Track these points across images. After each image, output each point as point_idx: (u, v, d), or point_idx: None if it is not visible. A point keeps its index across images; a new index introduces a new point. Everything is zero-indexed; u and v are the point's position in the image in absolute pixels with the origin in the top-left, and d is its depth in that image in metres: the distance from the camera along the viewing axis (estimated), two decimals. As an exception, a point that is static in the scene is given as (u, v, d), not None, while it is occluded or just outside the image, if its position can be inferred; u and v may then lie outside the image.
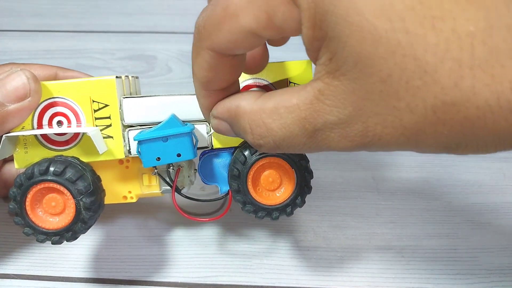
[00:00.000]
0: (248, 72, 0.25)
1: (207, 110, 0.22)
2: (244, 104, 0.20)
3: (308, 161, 0.25)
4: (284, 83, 0.25)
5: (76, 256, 0.31)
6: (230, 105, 0.21)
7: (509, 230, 0.32)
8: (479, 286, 0.29)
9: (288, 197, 0.25)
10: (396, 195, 0.35)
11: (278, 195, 0.25)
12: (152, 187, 0.27)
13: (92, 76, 0.33)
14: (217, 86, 0.21)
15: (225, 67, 0.20)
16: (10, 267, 0.30)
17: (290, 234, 0.32)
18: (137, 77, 0.30)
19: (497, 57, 0.14)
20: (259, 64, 0.24)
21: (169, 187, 0.26)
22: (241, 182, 0.25)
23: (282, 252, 0.31)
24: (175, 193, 0.26)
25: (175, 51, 0.47)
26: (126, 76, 0.27)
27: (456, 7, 0.14)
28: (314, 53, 0.17)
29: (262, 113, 0.19)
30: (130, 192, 0.28)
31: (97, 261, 0.30)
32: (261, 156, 0.24)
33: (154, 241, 0.32)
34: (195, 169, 0.28)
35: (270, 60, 0.26)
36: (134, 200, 0.28)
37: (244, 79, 0.25)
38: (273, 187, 0.25)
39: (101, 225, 0.32)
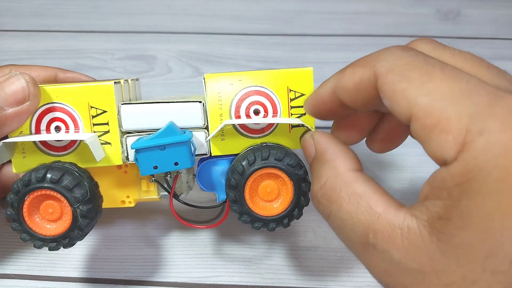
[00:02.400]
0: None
1: (315, 98, 0.23)
2: (341, 163, 0.20)
3: (307, 173, 0.25)
4: (284, 91, 0.25)
5: (76, 256, 0.31)
6: (331, 150, 0.21)
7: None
8: (479, 286, 0.29)
9: (286, 209, 0.25)
10: (396, 195, 0.35)
11: (275, 206, 0.25)
12: (150, 193, 0.27)
13: (92, 77, 0.33)
14: (346, 97, 0.21)
15: (367, 95, 0.20)
16: (10, 267, 0.30)
17: (290, 234, 0.32)
18: (137, 79, 0.30)
19: None
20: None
21: (167, 193, 0.26)
22: (238, 192, 0.24)
23: (282, 252, 0.31)
24: (173, 198, 0.26)
25: (175, 51, 0.47)
26: (125, 80, 0.27)
27: None
28: (433, 194, 0.16)
29: (347, 186, 0.19)
30: (128, 196, 0.27)
31: (97, 261, 0.30)
32: (259, 166, 0.24)
33: (154, 241, 0.32)
34: (194, 175, 0.28)
35: (270, 63, 0.26)
36: (132, 205, 0.28)
37: (245, 86, 0.25)
38: (270, 198, 0.25)
39: (100, 225, 0.32)
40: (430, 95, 0.16)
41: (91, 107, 0.25)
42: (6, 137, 0.25)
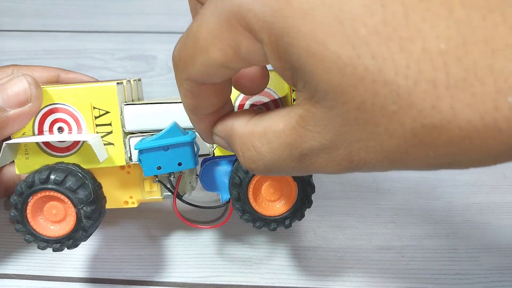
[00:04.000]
0: (248, 93, 0.24)
1: (202, 132, 0.22)
2: (237, 126, 0.20)
3: (311, 176, 0.25)
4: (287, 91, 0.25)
5: (76, 256, 0.31)
6: (226, 125, 0.21)
7: (509, 230, 0.32)
8: (479, 286, 0.29)
9: (288, 210, 0.25)
10: (396, 195, 0.35)
11: (278, 206, 0.25)
12: (153, 193, 0.27)
13: (94, 77, 0.33)
14: (205, 111, 0.21)
15: (208, 93, 0.20)
16: (11, 267, 0.30)
17: (290, 234, 0.32)
18: (139, 80, 0.30)
19: (476, 74, 0.13)
20: (258, 86, 0.24)
21: (170, 193, 0.26)
22: (242, 191, 0.24)
23: (282, 252, 0.31)
24: (176, 199, 0.26)
25: (175, 51, 0.47)
26: (127, 80, 0.27)
27: (424, 25, 0.13)
28: (290, 81, 0.17)
29: (251, 136, 0.19)
30: (131, 197, 0.27)
31: (97, 261, 0.30)
32: None
33: (154, 241, 0.32)
34: (197, 175, 0.28)
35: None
36: (135, 205, 0.28)
37: None
38: (273, 198, 0.25)
39: (101, 225, 0.32)
40: None
41: (94, 108, 0.25)
42: (9, 138, 0.25)
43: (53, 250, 0.24)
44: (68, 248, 0.24)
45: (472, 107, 0.13)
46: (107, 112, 0.25)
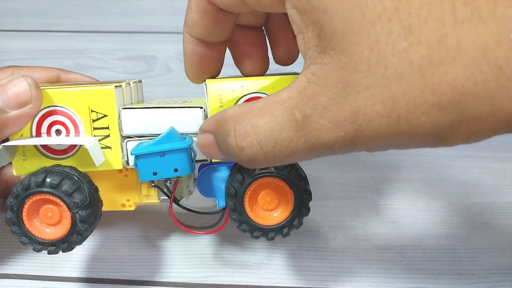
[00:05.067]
0: (246, 72, 0.26)
1: (187, 56, 0.25)
2: (231, 111, 0.20)
3: (308, 183, 0.24)
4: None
5: (76, 256, 0.31)
6: (216, 116, 0.21)
7: (509, 230, 0.32)
8: (479, 286, 0.29)
9: (285, 219, 0.24)
10: (396, 195, 0.35)
11: (275, 215, 0.25)
12: (150, 197, 0.27)
13: (94, 78, 0.33)
14: (199, 32, 0.23)
15: (209, 15, 0.22)
16: (10, 267, 0.30)
17: (290, 235, 0.32)
18: (139, 81, 0.30)
19: (480, 17, 0.14)
20: (258, 67, 0.26)
21: (167, 197, 0.26)
22: (237, 201, 0.24)
23: (282, 252, 0.31)
24: (173, 203, 0.26)
25: (175, 51, 0.47)
26: (127, 83, 0.27)
27: None
28: (302, 35, 0.17)
29: (249, 113, 0.19)
30: (128, 200, 0.27)
31: (97, 261, 0.30)
32: (259, 175, 0.24)
33: (154, 241, 0.32)
34: (195, 179, 0.28)
35: (270, 64, 0.26)
36: (132, 208, 0.27)
37: (247, 93, 0.25)
38: (270, 207, 0.25)
39: (101, 226, 0.32)
40: None
41: (92, 111, 0.24)
42: (7, 139, 0.25)
43: (48, 253, 0.24)
44: (63, 251, 0.24)
45: (476, 44, 0.14)
46: (105, 116, 0.25)
